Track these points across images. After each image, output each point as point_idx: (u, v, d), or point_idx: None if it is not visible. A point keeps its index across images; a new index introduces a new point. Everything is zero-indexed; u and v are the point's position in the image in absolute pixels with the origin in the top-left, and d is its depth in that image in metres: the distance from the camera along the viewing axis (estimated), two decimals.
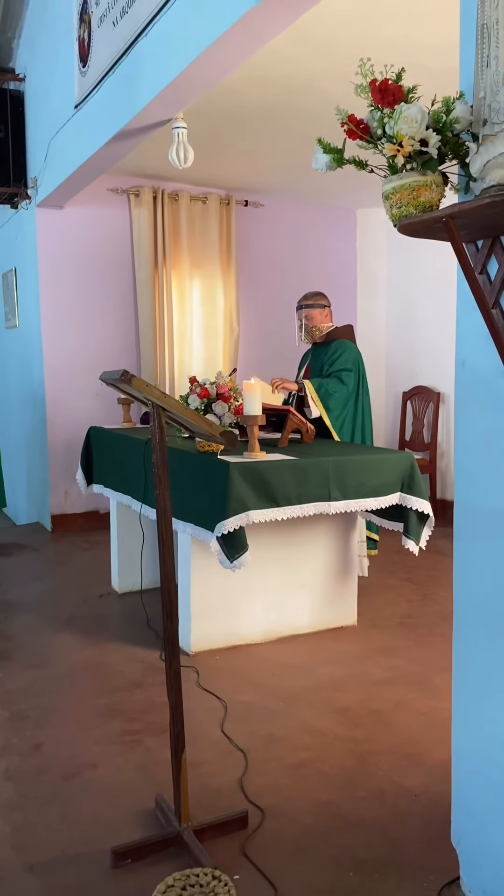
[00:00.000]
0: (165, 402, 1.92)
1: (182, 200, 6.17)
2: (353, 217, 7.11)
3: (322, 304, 4.52)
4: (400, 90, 1.55)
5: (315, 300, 4.52)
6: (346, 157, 1.69)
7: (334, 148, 1.66)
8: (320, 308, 4.51)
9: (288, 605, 3.71)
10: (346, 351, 4.41)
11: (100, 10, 4.18)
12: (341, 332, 4.57)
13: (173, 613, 2.12)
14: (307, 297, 4.56)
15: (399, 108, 1.53)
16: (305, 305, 4.53)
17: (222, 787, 2.45)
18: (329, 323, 4.55)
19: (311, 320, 4.50)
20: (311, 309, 4.51)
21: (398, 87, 1.54)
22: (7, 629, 3.92)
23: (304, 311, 4.53)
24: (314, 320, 4.50)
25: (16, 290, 6.59)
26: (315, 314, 4.50)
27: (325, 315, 4.53)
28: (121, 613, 4.16)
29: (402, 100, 1.56)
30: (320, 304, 4.52)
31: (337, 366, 4.34)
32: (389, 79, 1.57)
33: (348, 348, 4.43)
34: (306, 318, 4.52)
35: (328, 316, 4.55)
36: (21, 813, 2.32)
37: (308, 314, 4.52)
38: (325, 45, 3.56)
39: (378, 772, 2.53)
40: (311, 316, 4.51)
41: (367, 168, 1.68)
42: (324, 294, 4.59)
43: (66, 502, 6.08)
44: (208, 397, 3.39)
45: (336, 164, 1.66)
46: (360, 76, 1.63)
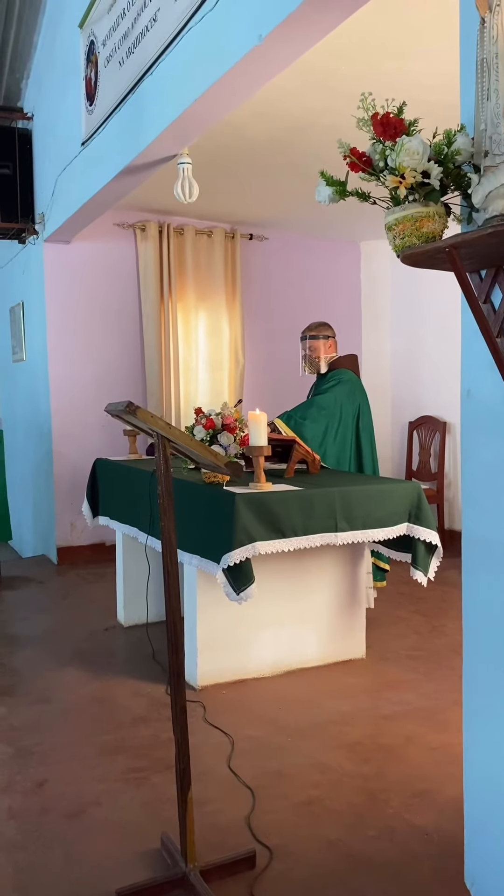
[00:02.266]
0: (170, 433, 1.91)
1: (187, 234, 6.24)
2: (356, 249, 7.18)
3: (326, 334, 4.52)
4: (401, 123, 1.57)
5: (319, 331, 4.52)
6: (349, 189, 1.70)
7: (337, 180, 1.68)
8: (324, 339, 4.51)
9: (295, 638, 3.67)
10: (340, 383, 4.39)
11: (106, 51, 4.27)
12: (344, 361, 4.57)
13: (179, 647, 2.09)
14: (311, 327, 4.56)
15: (401, 140, 1.54)
16: (310, 336, 4.53)
17: (229, 826, 2.39)
18: (333, 353, 4.54)
19: (315, 351, 4.51)
20: (314, 340, 4.51)
21: (400, 121, 1.56)
22: (12, 663, 3.88)
23: (307, 341, 4.54)
24: (317, 351, 4.50)
25: (23, 323, 6.64)
26: (319, 345, 4.50)
27: (328, 346, 4.52)
28: (126, 647, 4.12)
29: (404, 132, 1.57)
30: (324, 335, 4.52)
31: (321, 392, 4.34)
32: (391, 112, 1.59)
33: (343, 378, 4.41)
34: (310, 348, 4.53)
35: (332, 347, 4.55)
36: (24, 853, 2.27)
37: (312, 345, 4.52)
38: (327, 81, 3.62)
39: (388, 809, 2.48)
40: (314, 347, 4.51)
41: (370, 200, 1.69)
42: (328, 325, 4.59)
43: (72, 535, 6.06)
44: (214, 428, 3.38)
45: (339, 196, 1.68)
46: (362, 110, 1.65)
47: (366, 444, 4.47)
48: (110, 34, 4.19)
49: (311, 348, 4.51)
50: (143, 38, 3.75)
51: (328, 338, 4.52)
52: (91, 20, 4.49)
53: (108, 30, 4.23)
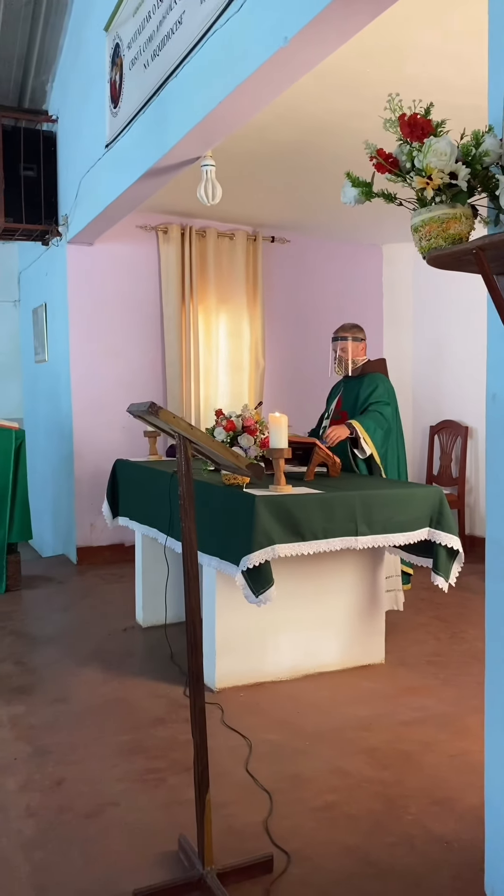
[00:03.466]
0: (192, 434, 1.91)
1: (209, 237, 6.25)
2: (378, 252, 7.15)
3: (359, 337, 4.52)
4: (429, 124, 1.56)
5: (352, 333, 4.51)
6: (375, 190, 1.69)
7: (363, 182, 1.67)
8: (357, 341, 4.50)
9: (314, 642, 3.65)
10: (382, 384, 4.40)
11: (131, 54, 4.29)
12: (375, 365, 4.56)
13: (198, 649, 2.09)
14: (345, 328, 4.55)
15: (428, 141, 1.53)
16: (342, 337, 4.52)
17: (246, 829, 2.38)
18: (363, 357, 4.54)
19: (347, 353, 4.49)
20: (347, 342, 4.49)
21: (427, 121, 1.55)
22: (31, 662, 3.90)
23: (340, 342, 4.52)
24: (350, 353, 4.49)
25: (45, 325, 6.69)
26: (351, 347, 4.49)
27: (360, 349, 4.52)
28: (145, 648, 4.12)
29: (431, 133, 1.56)
30: (357, 338, 4.51)
31: (374, 398, 4.32)
32: (418, 113, 1.58)
33: (384, 381, 4.42)
34: (342, 350, 4.51)
35: (363, 350, 4.54)
36: (42, 851, 2.28)
37: (344, 346, 4.50)
38: (352, 84, 3.61)
39: (407, 816, 2.45)
40: (346, 348, 4.49)
41: (396, 201, 1.68)
42: (361, 328, 4.58)
43: (92, 535, 6.08)
44: (234, 430, 3.38)
45: (365, 197, 1.67)
46: (389, 111, 1.64)
47: (402, 448, 4.47)
48: (135, 37, 4.21)
49: (343, 349, 4.50)
50: (168, 40, 3.77)
51: (359, 340, 4.51)
52: (116, 23, 4.51)
53: (133, 33, 4.25)
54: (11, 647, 4.12)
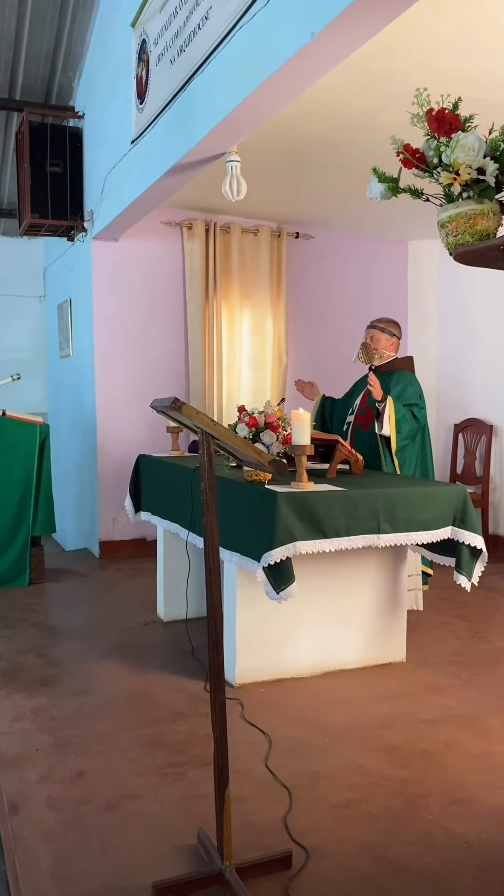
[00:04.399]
0: (215, 430, 1.91)
1: (234, 233, 6.24)
2: (404, 249, 7.10)
3: (392, 331, 4.52)
4: (457, 119, 1.54)
5: (387, 325, 4.53)
6: (401, 185, 1.68)
7: (389, 177, 1.66)
8: (389, 335, 4.50)
9: (335, 639, 3.64)
10: (413, 385, 4.38)
11: (158, 50, 4.29)
12: (403, 363, 4.54)
13: (219, 644, 2.09)
14: (382, 319, 4.58)
15: (456, 136, 1.52)
16: (376, 326, 4.53)
17: (266, 825, 2.39)
18: (392, 353, 4.53)
19: (376, 342, 4.49)
20: (380, 332, 4.50)
21: (455, 116, 1.54)
22: (53, 655, 3.93)
23: (372, 331, 4.54)
24: (379, 343, 4.49)
25: (70, 320, 6.73)
26: (382, 338, 4.49)
27: (390, 343, 4.51)
28: (165, 642, 4.14)
29: (459, 129, 1.55)
30: (390, 332, 4.51)
31: (406, 399, 4.30)
32: (446, 108, 1.57)
33: (414, 382, 4.40)
34: (371, 338, 4.51)
35: (393, 346, 4.53)
36: (63, 842, 2.30)
37: (375, 335, 4.51)
38: (378, 79, 3.58)
39: (427, 815, 2.44)
40: (377, 338, 4.50)
41: (423, 197, 1.67)
42: (398, 324, 4.59)
43: (115, 529, 6.12)
44: (256, 426, 3.38)
45: (391, 192, 1.66)
46: (417, 106, 1.62)
47: (430, 450, 4.46)
48: (162, 33, 4.22)
49: (373, 338, 4.50)
50: (194, 36, 3.77)
51: (392, 335, 4.51)
52: (143, 19, 4.52)
53: (159, 28, 4.25)
54: (34, 639, 4.16)
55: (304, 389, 4.86)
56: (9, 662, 3.80)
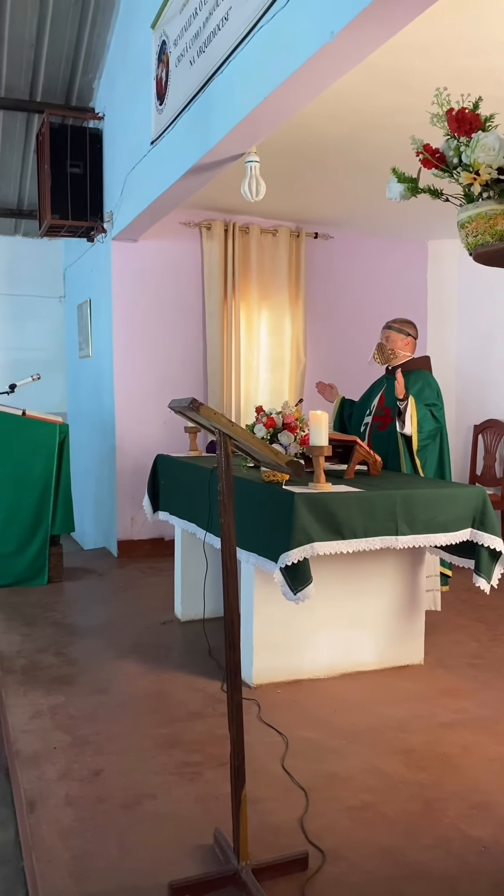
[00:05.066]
0: (232, 431, 1.92)
1: (252, 233, 6.24)
2: (423, 248, 7.07)
3: (408, 332, 4.51)
4: (477, 118, 1.53)
5: (403, 326, 4.52)
6: (421, 185, 1.67)
7: (408, 177, 1.65)
8: (404, 335, 4.49)
9: (352, 641, 3.63)
10: (431, 384, 4.36)
11: (178, 51, 4.30)
12: (420, 363, 4.52)
13: (236, 644, 2.09)
14: (397, 320, 4.57)
15: (476, 136, 1.51)
16: (391, 327, 4.52)
17: (282, 826, 2.39)
18: (409, 353, 4.52)
19: (392, 343, 4.48)
20: (395, 332, 4.49)
21: (475, 116, 1.53)
22: (72, 653, 3.95)
23: (388, 331, 4.53)
24: (394, 344, 4.48)
25: (90, 320, 6.77)
26: (397, 338, 4.48)
27: (406, 343, 4.50)
28: (183, 642, 4.15)
29: (480, 128, 1.54)
30: (405, 332, 4.50)
31: (425, 399, 4.28)
32: (466, 108, 1.56)
33: (431, 381, 4.38)
34: (387, 338, 4.51)
35: (409, 346, 4.52)
36: (80, 840, 2.31)
37: (391, 336, 4.50)
38: (398, 78, 3.57)
39: (444, 819, 2.43)
40: (392, 338, 4.49)
41: (442, 197, 1.66)
42: (414, 325, 4.58)
43: (133, 528, 6.14)
44: (274, 427, 3.38)
45: (410, 193, 1.65)
46: (437, 105, 1.62)
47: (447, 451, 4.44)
48: (182, 34, 4.23)
49: (389, 339, 4.49)
50: (214, 37, 3.77)
51: (407, 335, 4.50)
52: (163, 20, 4.53)
53: (179, 29, 4.26)
54: (53, 637, 4.19)
55: (325, 391, 4.87)
56: (28, 660, 3.82)
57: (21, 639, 4.15)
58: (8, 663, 3.78)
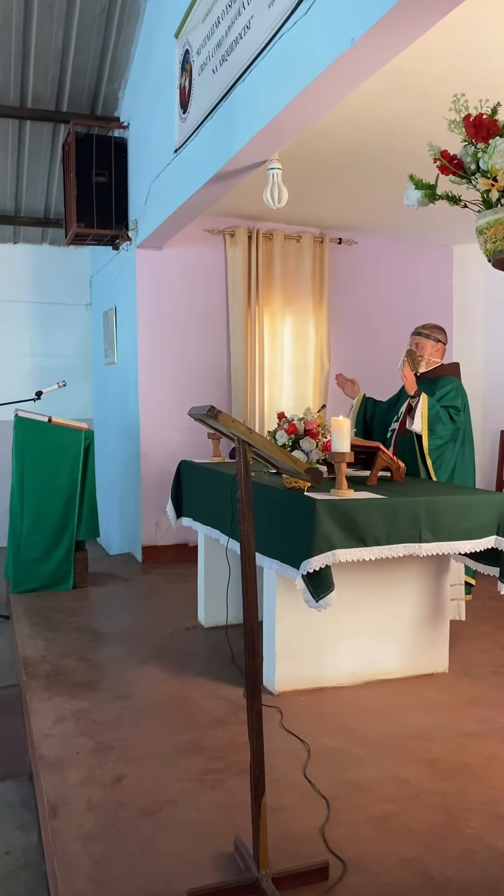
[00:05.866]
0: (251, 438, 1.92)
1: (276, 239, 6.25)
2: (449, 253, 7.02)
3: (438, 338, 4.48)
4: (495, 124, 1.52)
5: (432, 332, 4.49)
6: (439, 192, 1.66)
7: (426, 184, 1.64)
8: (434, 341, 4.46)
9: (376, 649, 3.61)
10: (457, 389, 4.32)
11: (201, 59, 4.33)
12: (448, 369, 4.49)
13: (256, 651, 2.09)
14: (427, 326, 4.54)
15: (493, 142, 1.50)
16: (421, 333, 4.50)
17: (303, 835, 2.37)
18: (438, 359, 4.48)
19: (421, 349, 4.45)
20: (425, 339, 4.46)
21: (493, 122, 1.52)
22: (96, 659, 3.97)
23: (417, 337, 4.50)
24: (424, 350, 4.44)
25: (115, 328, 6.82)
26: (427, 344, 4.45)
27: (436, 350, 4.47)
28: (206, 648, 4.15)
29: (497, 134, 1.53)
30: (435, 338, 4.47)
31: (447, 401, 4.25)
32: (484, 113, 1.55)
33: (459, 387, 4.34)
34: (416, 345, 4.48)
35: (439, 352, 4.48)
36: (101, 846, 2.32)
37: (420, 342, 4.47)
38: (420, 83, 3.55)
39: (468, 830, 2.40)
40: (422, 345, 4.46)
41: (461, 203, 1.65)
42: (444, 331, 4.55)
43: (157, 534, 6.17)
44: (296, 433, 3.37)
45: (428, 199, 1.65)
46: (454, 111, 1.61)
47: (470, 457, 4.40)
48: (205, 43, 4.25)
49: (419, 345, 4.46)
50: (236, 45, 3.79)
51: (437, 341, 4.47)
52: (186, 29, 4.57)
53: (202, 38, 4.29)
54: (77, 642, 4.22)
55: (345, 386, 4.81)
56: (52, 665, 3.85)
57: (46, 644, 4.18)
58: (32, 668, 3.82)
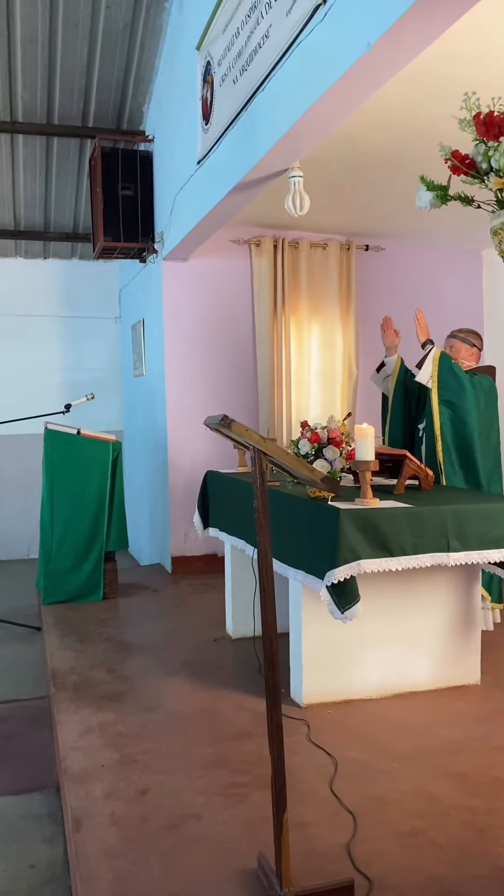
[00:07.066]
0: (265, 447, 1.89)
1: (302, 248, 6.24)
2: (478, 257, 6.94)
3: (472, 342, 4.44)
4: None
5: (468, 336, 4.47)
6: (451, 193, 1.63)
7: (438, 185, 1.61)
8: (469, 345, 4.43)
9: (405, 660, 3.54)
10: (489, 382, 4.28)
11: (221, 71, 4.35)
12: (483, 371, 4.44)
13: (275, 663, 2.06)
14: (462, 329, 4.52)
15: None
16: (456, 336, 4.48)
17: (328, 851, 2.33)
18: (473, 363, 4.44)
19: (455, 352, 4.41)
20: (460, 342, 4.43)
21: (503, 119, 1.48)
22: (123, 670, 3.97)
23: (452, 340, 4.48)
24: (458, 353, 4.41)
25: (143, 340, 6.86)
26: (461, 348, 4.42)
27: (470, 354, 4.43)
28: (234, 660, 4.12)
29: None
30: (470, 342, 4.44)
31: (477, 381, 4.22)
32: (494, 111, 1.51)
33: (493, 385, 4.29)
34: (451, 347, 4.44)
35: (473, 356, 4.44)
36: (123, 861, 2.30)
37: (454, 345, 4.44)
38: (440, 86, 3.51)
39: (498, 848, 2.33)
40: (456, 348, 4.42)
41: (474, 204, 1.61)
42: (479, 336, 4.52)
43: (186, 545, 6.17)
44: (319, 442, 3.34)
45: (440, 201, 1.61)
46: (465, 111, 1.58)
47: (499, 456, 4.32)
48: (225, 54, 4.27)
49: (453, 347, 4.43)
50: (255, 55, 3.79)
51: (471, 345, 4.45)
52: (207, 41, 4.59)
53: (223, 50, 4.30)
54: (105, 653, 4.22)
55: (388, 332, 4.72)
56: (80, 677, 3.86)
57: (74, 655, 4.19)
58: (61, 679, 3.82)
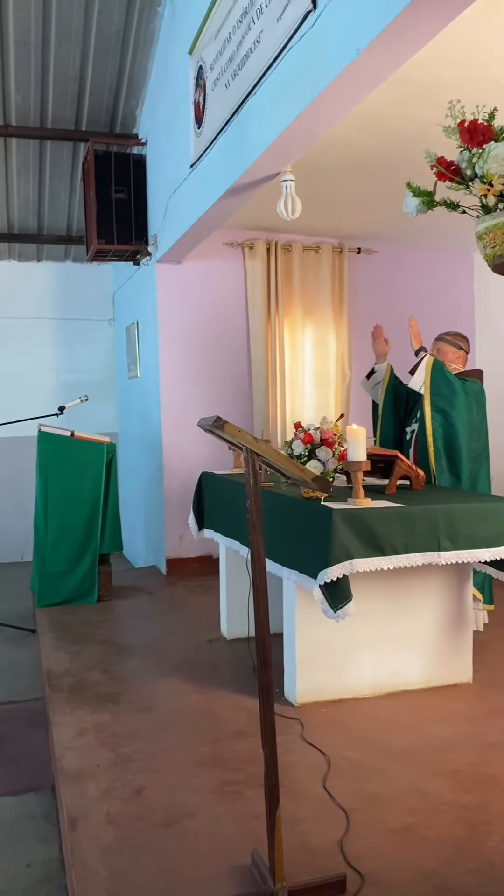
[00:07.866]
0: (257, 448, 1.92)
1: (295, 251, 6.27)
2: (469, 260, 6.98)
3: (459, 345, 4.46)
4: (490, 129, 1.52)
5: (455, 339, 4.49)
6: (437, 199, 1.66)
7: (424, 191, 1.64)
8: (456, 348, 4.45)
9: (398, 659, 3.57)
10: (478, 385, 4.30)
11: (214, 75, 4.38)
12: (471, 375, 4.47)
13: (268, 661, 2.09)
14: (450, 332, 4.54)
15: (488, 147, 1.49)
16: (444, 339, 4.50)
17: (321, 847, 2.35)
18: (460, 366, 4.46)
19: (442, 355, 4.43)
20: (447, 345, 4.45)
21: (487, 127, 1.51)
22: (119, 671, 3.99)
23: (439, 343, 4.50)
24: (446, 356, 4.42)
25: (137, 342, 6.88)
26: (449, 351, 4.44)
27: (457, 356, 4.45)
28: (229, 660, 4.15)
29: (493, 139, 1.52)
30: (457, 345, 4.46)
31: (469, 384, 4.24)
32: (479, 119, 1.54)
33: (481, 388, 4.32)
34: (437, 350, 4.47)
35: (460, 359, 4.46)
36: (119, 859, 2.32)
37: (441, 348, 4.46)
38: (430, 91, 3.55)
39: (489, 843, 2.36)
40: (444, 350, 4.45)
41: (459, 209, 1.65)
42: (467, 339, 4.54)
43: (181, 546, 6.19)
44: (312, 443, 3.37)
45: (426, 206, 1.64)
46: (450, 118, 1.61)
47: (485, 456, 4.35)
48: (217, 58, 4.30)
49: (440, 350, 4.45)
50: (247, 59, 3.82)
51: (458, 348, 4.46)
52: (200, 46, 4.62)
53: (215, 54, 4.34)
54: (101, 655, 4.24)
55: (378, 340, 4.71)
56: (75, 678, 3.88)
57: (69, 657, 4.21)
58: (56, 681, 3.84)
